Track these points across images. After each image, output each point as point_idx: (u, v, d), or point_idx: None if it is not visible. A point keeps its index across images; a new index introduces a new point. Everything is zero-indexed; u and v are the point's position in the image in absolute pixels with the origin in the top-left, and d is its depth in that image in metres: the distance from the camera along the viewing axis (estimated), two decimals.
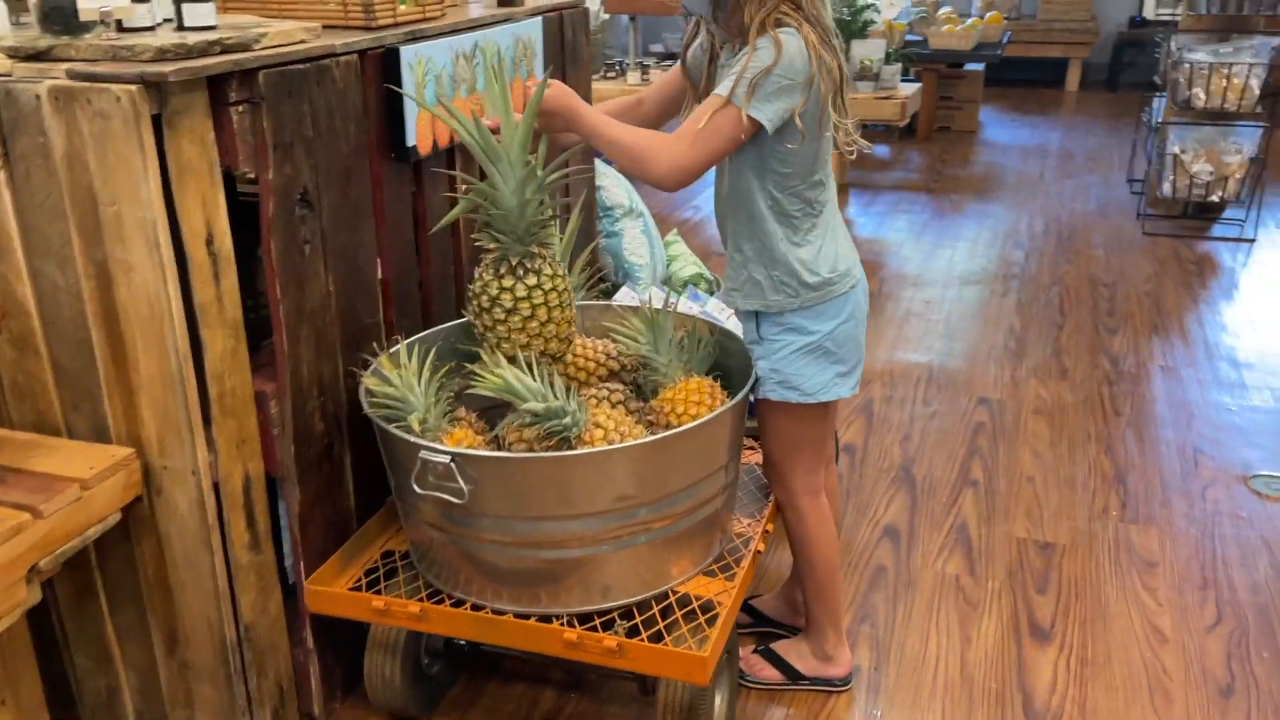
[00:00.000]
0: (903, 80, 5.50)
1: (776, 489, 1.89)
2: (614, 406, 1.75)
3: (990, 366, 3.32)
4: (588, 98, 2.63)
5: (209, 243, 1.48)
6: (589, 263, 2.13)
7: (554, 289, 1.67)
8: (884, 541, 2.41)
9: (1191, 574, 2.27)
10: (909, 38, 6.27)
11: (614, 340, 1.88)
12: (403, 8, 1.82)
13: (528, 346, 1.67)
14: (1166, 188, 4.65)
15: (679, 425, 1.65)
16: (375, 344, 1.78)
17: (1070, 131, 6.77)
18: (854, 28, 5.20)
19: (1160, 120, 4.71)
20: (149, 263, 1.42)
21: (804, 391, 1.75)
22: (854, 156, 1.79)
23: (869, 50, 5.11)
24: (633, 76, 5.55)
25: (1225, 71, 4.41)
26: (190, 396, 1.50)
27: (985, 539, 2.41)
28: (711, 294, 2.81)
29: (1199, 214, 4.79)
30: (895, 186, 5.55)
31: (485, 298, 1.66)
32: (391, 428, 1.59)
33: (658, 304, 1.83)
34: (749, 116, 1.54)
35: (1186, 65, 4.48)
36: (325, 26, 1.74)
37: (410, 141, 1.80)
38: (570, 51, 2.45)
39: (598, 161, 2.82)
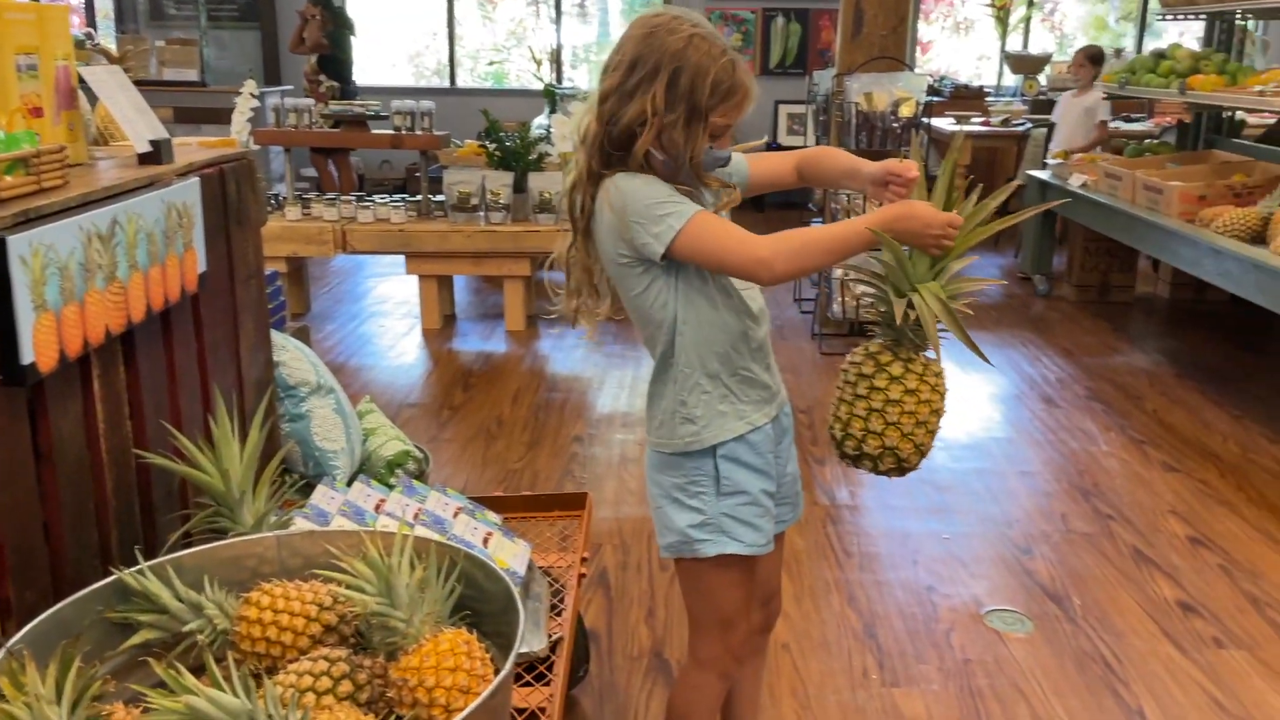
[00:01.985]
0: None
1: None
2: (336, 688, 1.33)
3: None
4: (258, 259, 2.21)
5: None
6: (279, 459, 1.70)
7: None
8: None
9: None
10: None
11: (327, 581, 1.47)
12: (9, 178, 1.34)
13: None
14: (836, 308, 4.89)
15: (434, 717, 1.27)
16: None
17: None
18: (529, 161, 5.09)
19: None
20: None
21: None
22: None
23: (548, 183, 5.01)
24: (292, 211, 5.08)
25: (876, 201, 4.72)
26: None
27: None
28: (422, 478, 2.44)
29: (865, 332, 5.08)
30: None
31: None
32: None
33: (390, 521, 1.45)
34: None
35: (843, 195, 4.76)
36: None
37: (26, 359, 1.32)
38: (236, 212, 2.03)
39: (275, 334, 2.38)
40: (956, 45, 9.90)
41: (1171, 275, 5.79)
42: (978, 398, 4.23)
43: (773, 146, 8.69)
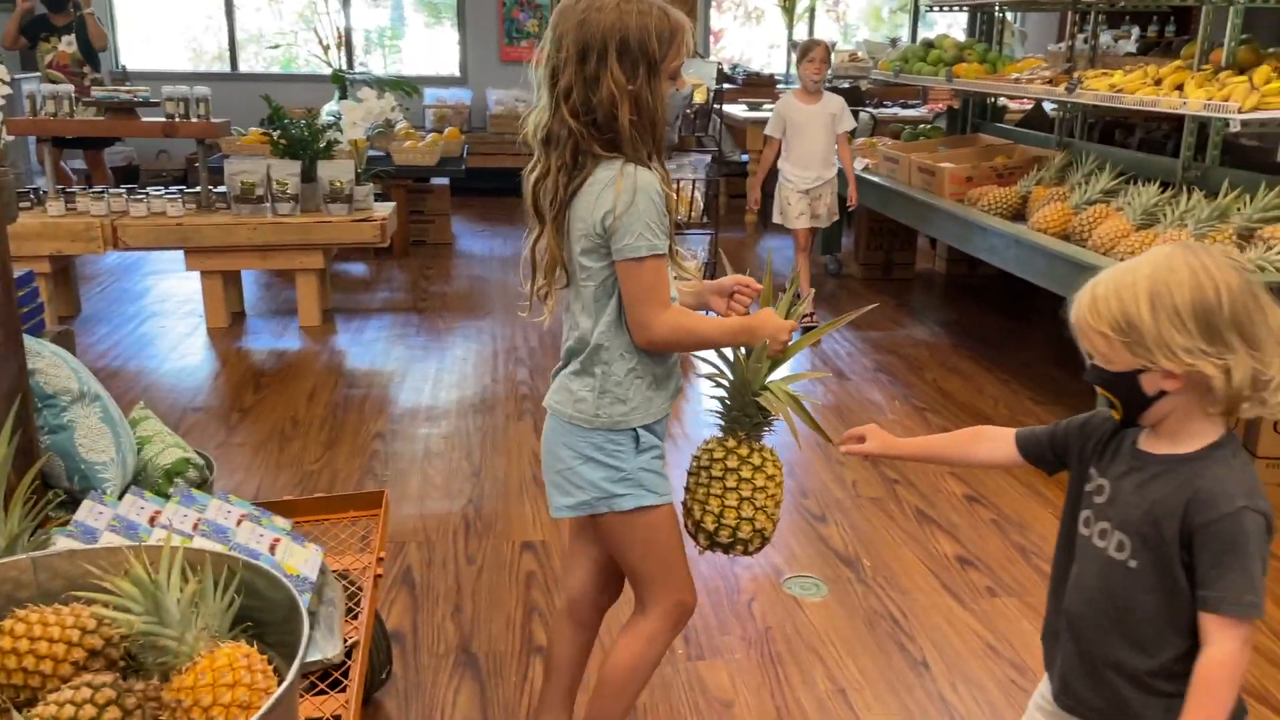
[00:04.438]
0: (374, 198, 5.30)
1: None
2: (101, 716, 1.24)
3: (525, 504, 3.16)
4: (4, 259, 2.02)
5: None
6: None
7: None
8: None
9: (765, 706, 2.26)
10: (371, 154, 6.10)
11: (90, 603, 1.36)
12: None
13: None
14: None
15: None
16: None
17: None
18: (317, 149, 4.89)
19: None
20: None
21: None
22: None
23: (338, 172, 4.83)
24: (54, 206, 4.68)
25: (675, 187, 4.81)
26: None
27: None
28: (205, 486, 2.30)
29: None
30: (383, 309, 5.30)
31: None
32: None
33: (166, 534, 1.36)
34: None
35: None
36: None
37: None
38: None
39: (29, 340, 2.19)
40: (748, 34, 10.20)
41: (947, 252, 6.19)
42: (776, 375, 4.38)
43: None
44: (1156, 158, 4.54)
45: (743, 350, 1.76)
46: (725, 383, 1.80)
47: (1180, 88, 3.64)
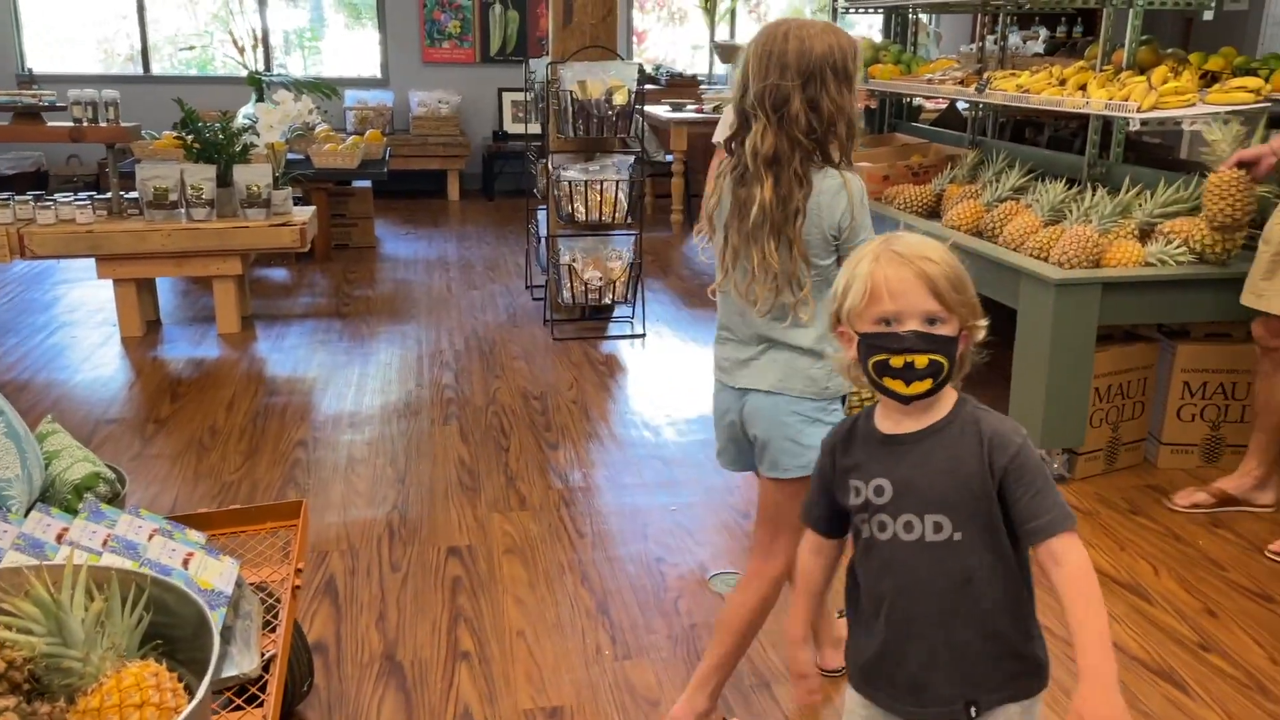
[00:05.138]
0: (294, 202, 5.21)
1: None
2: None
3: (451, 509, 3.14)
4: None
5: None
6: None
7: None
8: None
9: None
10: (290, 157, 6.00)
11: None
12: None
13: None
14: (566, 295, 4.96)
15: None
16: None
17: (464, 241, 7.02)
18: (233, 152, 4.79)
19: (548, 233, 5.02)
20: None
21: None
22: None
23: (255, 176, 4.74)
24: None
25: (598, 188, 4.83)
26: None
27: None
28: (117, 500, 2.25)
29: (595, 315, 5.18)
30: (305, 314, 5.22)
31: None
32: None
33: (73, 552, 1.33)
34: None
35: (565, 183, 4.83)
36: None
37: None
38: None
39: None
40: (672, 35, 10.25)
41: None
42: (702, 374, 4.41)
43: (498, 135, 8.66)
44: (1064, 155, 4.68)
45: None
46: None
47: (1084, 88, 3.76)
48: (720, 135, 5.06)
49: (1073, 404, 3.25)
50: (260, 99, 6.59)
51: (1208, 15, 4.22)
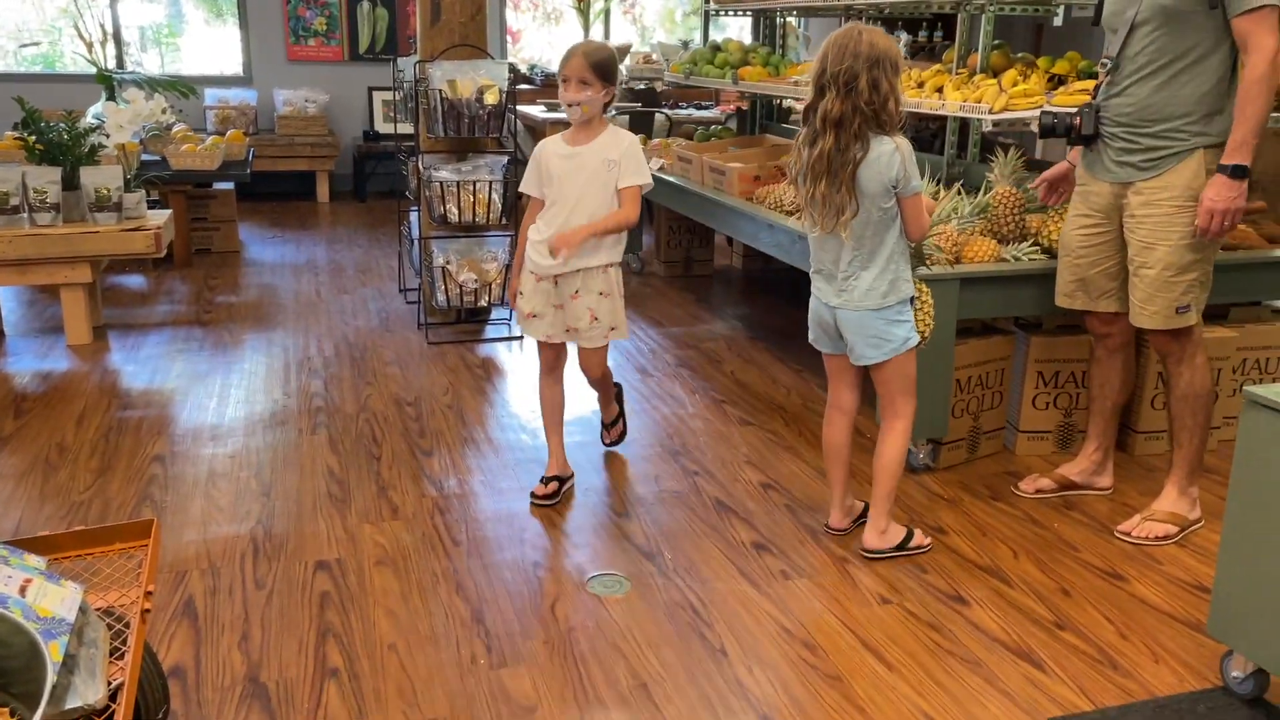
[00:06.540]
0: (149, 205, 4.97)
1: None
2: None
3: (319, 521, 3.05)
4: None
5: None
6: None
7: None
8: None
9: (568, 708, 2.26)
10: (145, 158, 5.74)
11: None
12: None
13: None
14: (440, 298, 4.87)
15: None
16: None
17: (334, 244, 6.83)
18: (79, 154, 4.55)
19: (421, 235, 4.92)
20: None
21: None
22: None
23: (104, 178, 4.50)
24: None
25: (470, 188, 4.76)
26: None
27: None
28: None
29: (471, 318, 5.11)
30: (162, 323, 4.99)
31: None
32: None
33: None
34: None
35: (437, 184, 4.74)
36: None
37: None
38: None
39: None
40: (548, 34, 10.20)
41: (743, 248, 6.39)
42: (579, 375, 4.38)
43: (369, 135, 8.45)
44: (926, 155, 4.84)
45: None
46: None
47: (941, 90, 3.89)
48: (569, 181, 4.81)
49: (936, 396, 3.36)
50: (111, 98, 6.28)
51: (1057, 21, 4.43)
